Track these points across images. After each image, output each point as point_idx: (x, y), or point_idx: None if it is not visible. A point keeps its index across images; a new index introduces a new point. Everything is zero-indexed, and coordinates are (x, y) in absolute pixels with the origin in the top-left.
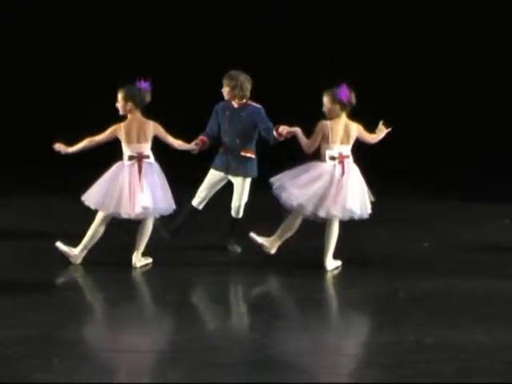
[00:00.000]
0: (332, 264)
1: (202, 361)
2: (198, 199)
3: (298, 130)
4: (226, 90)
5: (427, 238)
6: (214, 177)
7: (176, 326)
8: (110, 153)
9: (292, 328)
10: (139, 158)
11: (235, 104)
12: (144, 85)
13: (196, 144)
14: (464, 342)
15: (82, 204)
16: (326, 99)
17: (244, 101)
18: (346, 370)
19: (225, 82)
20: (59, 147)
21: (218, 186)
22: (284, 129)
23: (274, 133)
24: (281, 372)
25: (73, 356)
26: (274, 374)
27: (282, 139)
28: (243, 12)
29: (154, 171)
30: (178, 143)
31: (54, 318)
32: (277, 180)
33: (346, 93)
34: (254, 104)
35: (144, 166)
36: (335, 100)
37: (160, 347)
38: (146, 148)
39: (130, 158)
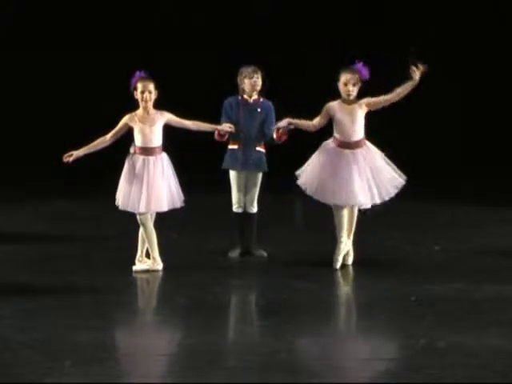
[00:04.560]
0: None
1: (214, 364)
2: (236, 205)
3: (290, 120)
4: (253, 83)
5: (439, 242)
6: (236, 177)
7: (187, 329)
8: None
9: (303, 332)
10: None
11: (250, 99)
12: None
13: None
14: (476, 347)
15: (94, 208)
16: (356, 77)
17: (257, 96)
18: (357, 374)
19: (254, 75)
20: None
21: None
22: (283, 125)
23: (274, 135)
24: (292, 376)
25: (84, 359)
26: (285, 377)
27: (282, 140)
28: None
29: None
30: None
31: (65, 321)
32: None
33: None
34: (266, 100)
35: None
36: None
37: (171, 351)
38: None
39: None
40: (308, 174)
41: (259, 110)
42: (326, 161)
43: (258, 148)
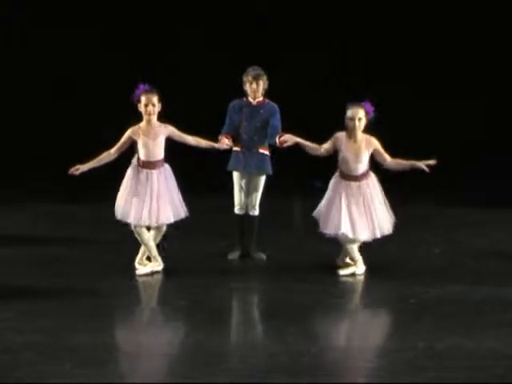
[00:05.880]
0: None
1: (214, 366)
2: (238, 206)
3: (299, 140)
4: (259, 86)
5: (438, 245)
6: (239, 179)
7: (189, 331)
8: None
9: (304, 334)
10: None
11: (253, 101)
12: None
13: (225, 143)
14: (475, 349)
15: (95, 210)
16: (362, 112)
17: (262, 98)
18: (357, 375)
19: (259, 78)
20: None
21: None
22: (290, 138)
23: (277, 140)
24: (293, 377)
25: (84, 361)
26: (286, 379)
27: (283, 147)
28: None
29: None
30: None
31: (65, 323)
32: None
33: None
34: (272, 102)
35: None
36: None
37: (172, 352)
38: None
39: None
40: (320, 208)
41: (261, 111)
42: (333, 194)
43: (261, 150)
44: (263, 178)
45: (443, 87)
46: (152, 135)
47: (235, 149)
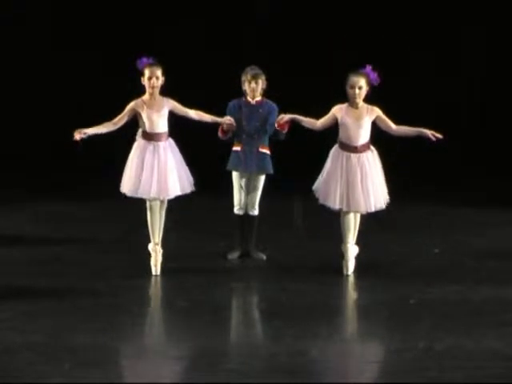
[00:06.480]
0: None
1: (214, 367)
2: (237, 206)
3: (294, 117)
4: (258, 85)
5: (438, 245)
6: (238, 179)
7: (188, 332)
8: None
9: (303, 335)
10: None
11: (252, 101)
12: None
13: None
14: (475, 349)
15: (95, 210)
16: (363, 81)
17: (260, 98)
18: (356, 376)
19: (258, 77)
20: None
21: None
22: (284, 115)
23: (276, 125)
24: (293, 378)
25: (84, 362)
26: (285, 379)
27: (285, 130)
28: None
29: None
30: None
31: (65, 323)
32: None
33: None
34: (270, 102)
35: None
36: (370, 83)
37: (172, 353)
38: None
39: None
40: (319, 181)
41: (261, 110)
42: (332, 167)
43: (261, 149)
44: (263, 178)
45: (443, 87)
46: (156, 107)
47: (235, 148)
